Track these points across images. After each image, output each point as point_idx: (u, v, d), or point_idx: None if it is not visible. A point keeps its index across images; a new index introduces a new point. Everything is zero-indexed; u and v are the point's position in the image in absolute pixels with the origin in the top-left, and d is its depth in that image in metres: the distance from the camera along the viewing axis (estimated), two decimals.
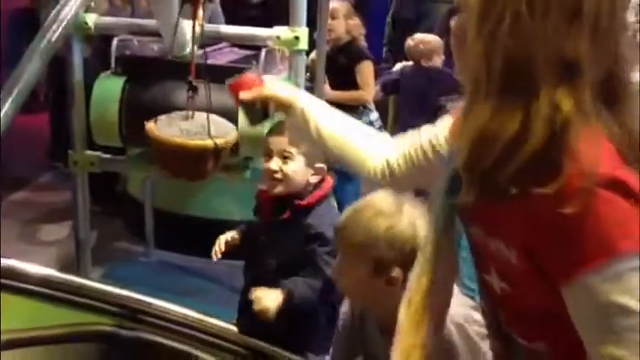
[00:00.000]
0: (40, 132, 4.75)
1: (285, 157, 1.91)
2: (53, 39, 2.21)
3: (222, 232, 3.41)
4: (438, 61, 4.11)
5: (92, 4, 2.32)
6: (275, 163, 1.93)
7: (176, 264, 3.45)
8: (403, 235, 1.41)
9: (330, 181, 2.03)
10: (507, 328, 1.06)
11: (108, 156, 2.67)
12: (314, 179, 1.96)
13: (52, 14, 2.23)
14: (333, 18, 3.61)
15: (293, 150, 1.90)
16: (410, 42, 4.12)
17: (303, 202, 1.92)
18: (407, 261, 1.37)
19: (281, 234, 1.93)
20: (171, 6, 2.22)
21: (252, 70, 2.43)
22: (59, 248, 3.45)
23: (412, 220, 1.42)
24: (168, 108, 2.42)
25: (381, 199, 1.46)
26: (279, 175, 1.92)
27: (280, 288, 1.85)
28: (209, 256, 3.39)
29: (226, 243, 2.08)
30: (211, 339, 1.81)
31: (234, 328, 1.88)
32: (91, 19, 2.47)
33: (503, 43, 0.88)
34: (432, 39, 4.11)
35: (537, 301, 0.98)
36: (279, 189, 1.93)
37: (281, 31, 2.42)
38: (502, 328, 1.08)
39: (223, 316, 2.06)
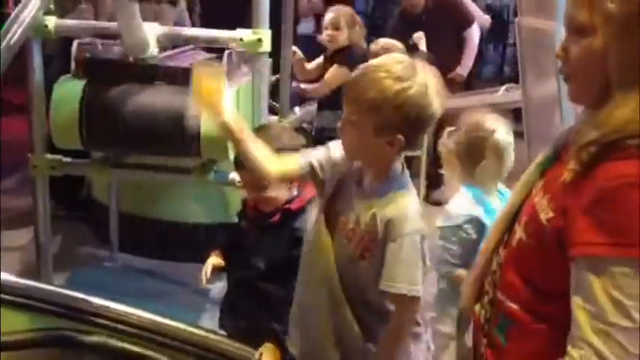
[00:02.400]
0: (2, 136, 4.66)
1: (259, 188, 1.91)
2: (12, 42, 2.18)
3: (187, 235, 3.44)
4: None
5: (51, 6, 2.29)
6: (250, 194, 1.96)
7: (141, 268, 3.42)
8: (413, 100, 1.42)
9: (311, 185, 2.03)
10: (501, 289, 1.12)
11: (69, 159, 2.64)
12: (295, 187, 1.97)
13: (12, 16, 2.20)
14: (336, 29, 3.59)
15: (255, 181, 1.89)
16: (373, 47, 4.14)
17: (294, 207, 1.93)
18: (411, 127, 1.44)
19: (269, 237, 1.93)
20: (133, 8, 2.20)
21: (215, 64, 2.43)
22: (21, 254, 3.39)
23: (425, 86, 1.43)
24: (128, 110, 2.41)
25: (397, 62, 1.46)
26: (259, 198, 1.94)
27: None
28: (174, 260, 3.41)
29: (213, 268, 2.08)
30: (171, 342, 1.82)
31: (197, 330, 1.89)
32: (51, 21, 2.44)
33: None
34: (392, 45, 4.13)
35: (535, 266, 1.06)
36: (264, 207, 1.95)
37: (244, 34, 2.42)
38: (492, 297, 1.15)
39: (188, 318, 2.06)
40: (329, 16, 3.65)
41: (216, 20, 2.65)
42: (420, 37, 4.20)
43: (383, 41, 4.12)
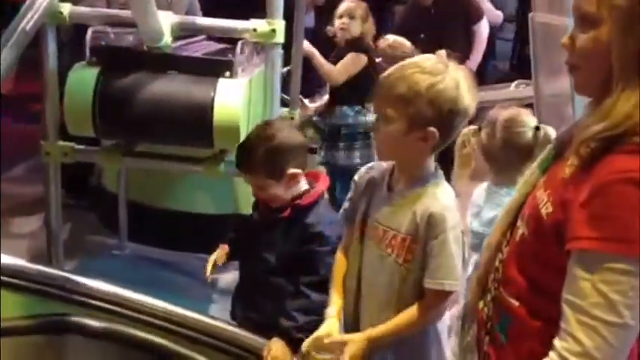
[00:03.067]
0: (10, 124, 4.69)
1: (258, 188, 1.94)
2: (27, 28, 2.19)
3: (196, 225, 3.45)
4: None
5: None
6: (255, 192, 1.98)
7: (150, 257, 3.43)
8: (445, 94, 1.42)
9: (325, 178, 2.04)
10: (503, 285, 1.13)
11: (81, 147, 2.65)
12: (305, 183, 1.97)
13: (27, 3, 2.21)
14: (351, 17, 3.58)
15: (261, 182, 1.92)
16: (381, 43, 4.13)
17: (304, 202, 1.92)
18: (444, 121, 1.45)
19: (280, 231, 1.93)
20: None
21: None
22: (31, 241, 3.41)
23: (456, 81, 1.44)
24: (142, 99, 2.42)
25: (427, 59, 1.48)
26: (263, 196, 1.95)
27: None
28: (183, 249, 3.42)
29: (214, 263, 2.09)
30: (180, 329, 1.83)
31: (204, 318, 1.90)
32: (66, 8, 2.45)
33: None
34: (400, 44, 4.10)
35: (536, 261, 1.07)
36: (272, 203, 1.95)
37: (258, 24, 2.42)
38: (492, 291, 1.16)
39: (196, 308, 2.07)
40: (345, 5, 3.64)
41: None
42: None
43: (391, 39, 4.11)
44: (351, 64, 3.53)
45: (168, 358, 1.85)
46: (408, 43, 4.03)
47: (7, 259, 1.91)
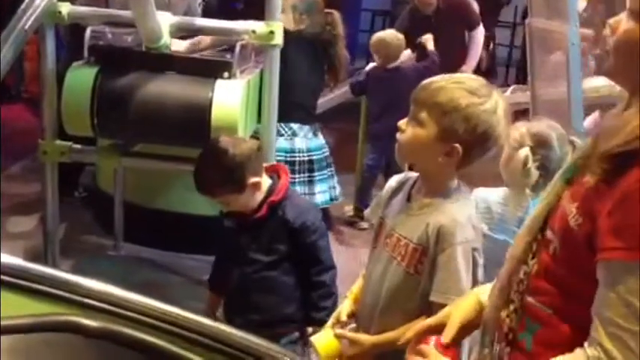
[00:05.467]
0: (9, 122, 4.68)
1: (224, 204, 2.03)
2: (26, 27, 2.19)
3: (192, 226, 3.45)
4: (400, 58, 4.16)
5: None
6: (223, 209, 2.06)
7: (145, 258, 3.43)
8: (483, 116, 1.43)
9: (284, 169, 2.11)
10: (532, 295, 1.12)
11: (78, 146, 2.64)
12: (267, 180, 2.00)
13: (26, 2, 2.21)
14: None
15: (224, 198, 1.99)
16: (372, 40, 4.18)
17: (277, 199, 1.95)
18: (474, 141, 1.44)
19: (262, 231, 1.99)
20: None
21: None
22: (26, 240, 3.40)
23: (496, 107, 1.44)
24: (140, 99, 2.42)
25: (474, 79, 1.49)
26: (233, 208, 2.02)
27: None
28: (178, 250, 3.41)
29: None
30: (176, 330, 1.82)
31: (200, 318, 1.90)
32: (65, 8, 2.45)
33: None
34: (395, 38, 4.16)
35: (571, 272, 1.06)
36: (244, 210, 2.02)
37: (256, 26, 2.43)
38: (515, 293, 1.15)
39: (191, 309, 2.07)
40: None
41: None
42: (428, 38, 4.26)
43: (381, 35, 4.15)
44: None
45: (165, 358, 1.85)
46: (399, 35, 4.12)
47: (5, 258, 1.91)
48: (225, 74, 2.45)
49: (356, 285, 1.69)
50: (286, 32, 2.92)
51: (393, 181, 1.66)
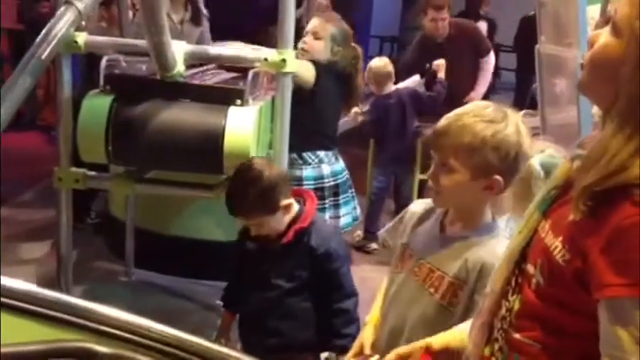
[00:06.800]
0: (22, 150, 4.73)
1: (257, 226, 2.02)
2: (43, 57, 2.22)
3: (203, 252, 3.45)
4: (390, 85, 4.19)
5: (83, 22, 2.33)
6: (253, 231, 2.05)
7: (156, 284, 3.43)
8: (509, 140, 1.42)
9: (311, 195, 2.13)
10: (518, 331, 1.10)
11: (93, 173, 2.67)
12: (296, 204, 2.02)
13: (43, 32, 2.25)
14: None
15: (257, 220, 1.99)
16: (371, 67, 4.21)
17: (305, 225, 1.99)
18: (509, 168, 1.43)
19: (287, 257, 2.01)
20: (163, 27, 2.24)
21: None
22: (39, 266, 3.42)
23: (517, 126, 1.43)
24: (154, 127, 2.44)
25: (484, 107, 1.47)
26: (263, 231, 2.02)
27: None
28: (189, 276, 3.42)
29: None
30: (189, 356, 1.82)
31: (213, 346, 1.91)
32: (81, 38, 2.49)
33: None
34: (382, 66, 4.19)
35: (559, 307, 1.03)
36: (272, 233, 2.03)
37: (268, 53, 2.46)
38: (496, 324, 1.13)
39: (203, 336, 2.07)
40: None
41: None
42: (441, 65, 4.26)
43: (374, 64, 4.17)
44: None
45: None
46: (385, 65, 4.14)
47: (17, 283, 1.92)
48: (238, 101, 2.47)
49: (375, 311, 1.67)
50: (318, 63, 2.99)
51: (418, 207, 1.64)
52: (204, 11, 3.89)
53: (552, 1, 2.98)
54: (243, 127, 2.43)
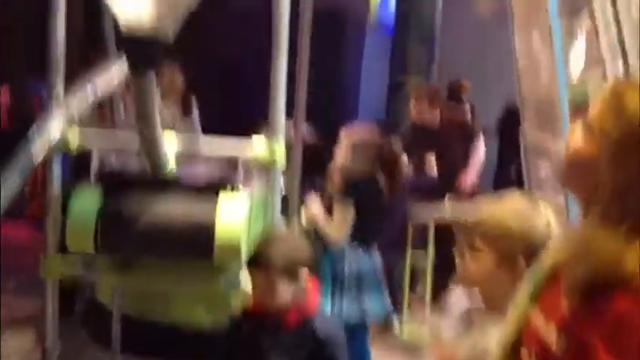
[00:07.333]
0: (6, 239, 4.67)
1: (271, 291, 2.12)
2: (33, 159, 2.25)
3: (192, 338, 3.38)
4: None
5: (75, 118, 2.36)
6: (259, 297, 2.15)
7: None
8: (537, 232, 1.48)
9: (315, 280, 2.18)
10: None
11: (79, 264, 2.64)
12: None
13: (35, 130, 2.27)
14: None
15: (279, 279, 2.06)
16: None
17: (311, 313, 2.08)
18: (534, 252, 1.43)
19: (290, 338, 2.06)
20: (154, 122, 2.25)
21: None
22: (24, 357, 3.33)
23: (547, 220, 1.50)
24: (144, 221, 2.44)
25: (517, 200, 1.54)
26: (269, 298, 2.10)
27: None
28: None
29: None
30: None
31: None
32: (73, 137, 2.50)
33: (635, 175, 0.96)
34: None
35: None
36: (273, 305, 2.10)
37: (257, 144, 2.47)
38: None
39: None
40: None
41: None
42: (430, 160, 4.35)
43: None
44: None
45: None
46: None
47: None
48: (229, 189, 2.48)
49: None
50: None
51: None
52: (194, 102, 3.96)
53: (534, 92, 3.07)
54: (234, 217, 2.42)
